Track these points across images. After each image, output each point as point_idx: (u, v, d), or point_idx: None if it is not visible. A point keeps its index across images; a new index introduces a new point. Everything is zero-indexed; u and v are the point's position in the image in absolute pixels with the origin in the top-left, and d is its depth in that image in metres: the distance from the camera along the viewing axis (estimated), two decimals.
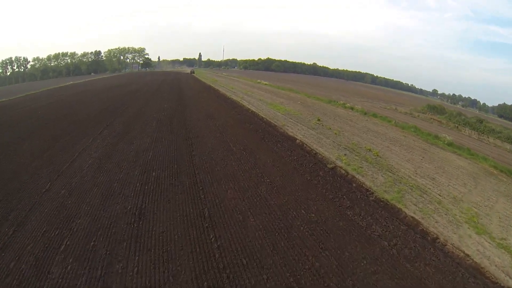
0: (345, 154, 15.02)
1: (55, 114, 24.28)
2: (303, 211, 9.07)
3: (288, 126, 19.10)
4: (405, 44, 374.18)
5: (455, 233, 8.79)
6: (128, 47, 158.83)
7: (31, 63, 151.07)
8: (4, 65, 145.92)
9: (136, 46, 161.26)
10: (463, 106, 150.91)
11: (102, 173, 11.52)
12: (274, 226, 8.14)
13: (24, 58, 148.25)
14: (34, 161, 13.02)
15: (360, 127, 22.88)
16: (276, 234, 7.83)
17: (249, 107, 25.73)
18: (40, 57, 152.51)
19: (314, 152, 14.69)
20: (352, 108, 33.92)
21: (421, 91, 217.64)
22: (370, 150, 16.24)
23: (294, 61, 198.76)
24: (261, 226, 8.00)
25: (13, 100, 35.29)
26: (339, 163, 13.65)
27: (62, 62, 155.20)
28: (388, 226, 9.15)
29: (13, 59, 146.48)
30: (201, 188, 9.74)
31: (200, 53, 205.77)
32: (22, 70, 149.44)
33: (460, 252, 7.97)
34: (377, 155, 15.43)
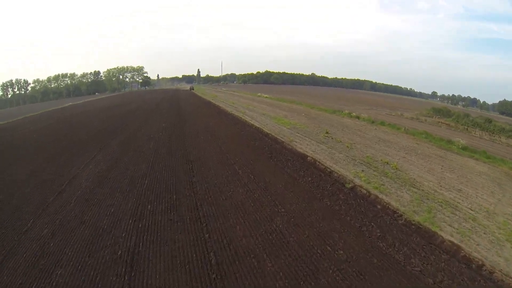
0: (362, 170, 13.75)
1: (51, 136, 23.24)
2: (328, 247, 7.53)
3: (296, 142, 17.71)
4: (401, 48, 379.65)
5: (500, 256, 7.67)
6: (127, 66, 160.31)
7: (32, 85, 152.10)
8: (4, 87, 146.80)
9: (135, 65, 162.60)
10: (464, 106, 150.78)
11: (91, 206, 10.07)
12: (297, 271, 6.60)
13: (24, 80, 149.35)
14: (19, 192, 11.67)
15: (371, 137, 21.68)
16: (301, 282, 6.29)
17: (252, 122, 24.42)
18: (40, 79, 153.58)
19: (328, 170, 13.27)
20: (358, 117, 32.89)
21: (421, 94, 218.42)
22: (387, 163, 14.98)
23: (292, 72, 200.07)
24: (281, 273, 6.45)
25: (12, 123, 34.77)
26: (357, 181, 12.29)
27: (62, 84, 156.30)
28: (428, 257, 7.72)
29: (13, 81, 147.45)
30: (204, 224, 8.19)
31: (198, 70, 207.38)
32: (22, 92, 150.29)
33: (511, 280, 6.85)
34: (396, 168, 14.18)
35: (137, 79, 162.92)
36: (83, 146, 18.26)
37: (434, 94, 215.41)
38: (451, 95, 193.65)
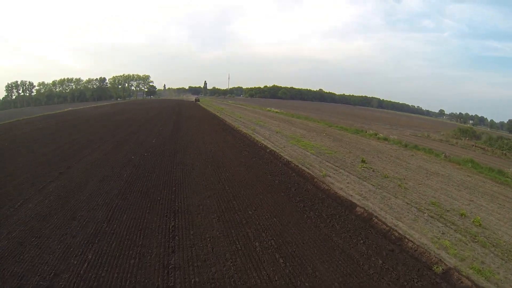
0: (442, 233, 8.79)
1: (20, 146, 18.40)
2: None
3: (331, 177, 12.58)
4: (407, 66, 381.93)
5: None
6: (133, 74, 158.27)
7: (36, 87, 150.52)
8: (9, 88, 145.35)
9: (141, 74, 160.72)
10: (473, 124, 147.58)
11: None
12: None
13: (29, 82, 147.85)
14: None
15: (415, 168, 16.99)
16: None
17: (265, 143, 19.38)
18: (46, 82, 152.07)
19: (396, 234, 8.27)
20: (386, 140, 28.50)
21: (428, 112, 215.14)
22: (464, 215, 10.26)
23: (300, 87, 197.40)
24: None
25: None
26: (445, 256, 7.44)
27: (67, 88, 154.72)
28: None
29: (18, 83, 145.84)
30: None
31: (205, 81, 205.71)
32: (27, 94, 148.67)
33: None
34: (480, 225, 9.67)
35: (143, 88, 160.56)
36: (42, 168, 13.28)
37: (441, 112, 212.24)
38: (458, 113, 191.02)
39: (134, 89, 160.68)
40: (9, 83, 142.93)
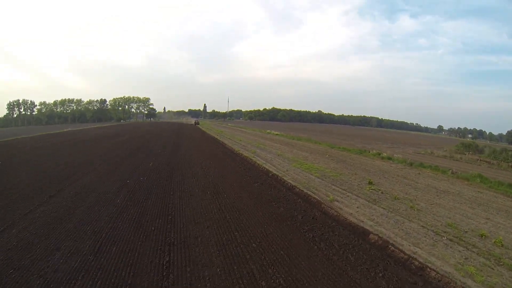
0: (465, 258, 8.03)
1: (15, 166, 17.45)
2: None
3: (338, 202, 11.80)
4: (403, 85, 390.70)
5: None
6: (133, 97, 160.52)
7: (38, 107, 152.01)
8: (11, 106, 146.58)
9: (141, 96, 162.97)
10: (472, 138, 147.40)
11: None
12: None
13: (31, 101, 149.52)
14: None
15: (423, 187, 16.24)
16: None
17: (267, 167, 18.71)
18: (47, 102, 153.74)
19: (416, 263, 7.55)
20: (390, 159, 28.10)
21: (426, 129, 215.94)
22: (484, 235, 9.52)
23: (299, 109, 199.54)
24: None
25: None
26: (473, 285, 6.74)
27: (68, 109, 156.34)
28: None
29: (20, 101, 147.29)
30: None
31: (205, 104, 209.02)
32: (28, 113, 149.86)
33: None
34: (502, 245, 8.97)
35: (143, 110, 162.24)
36: (32, 190, 12.35)
37: (440, 128, 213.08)
38: (456, 128, 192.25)
39: (134, 111, 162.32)
40: (11, 101, 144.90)
